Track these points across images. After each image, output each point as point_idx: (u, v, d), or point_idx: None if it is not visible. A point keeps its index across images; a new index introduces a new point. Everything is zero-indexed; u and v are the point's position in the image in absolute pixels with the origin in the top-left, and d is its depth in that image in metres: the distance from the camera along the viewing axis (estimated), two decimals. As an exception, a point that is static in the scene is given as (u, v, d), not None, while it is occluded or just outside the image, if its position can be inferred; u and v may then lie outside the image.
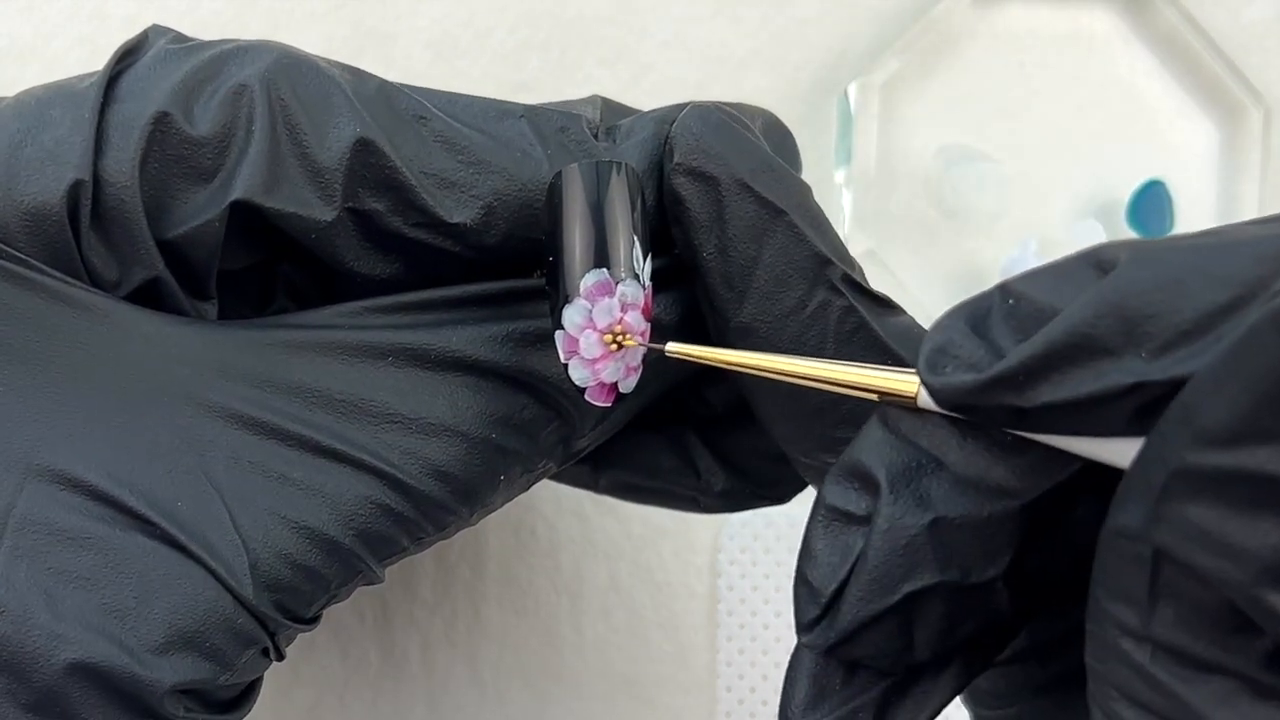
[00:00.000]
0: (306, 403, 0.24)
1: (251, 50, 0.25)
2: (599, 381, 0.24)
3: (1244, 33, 0.38)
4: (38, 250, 0.24)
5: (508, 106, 0.26)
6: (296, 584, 0.24)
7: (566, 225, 0.23)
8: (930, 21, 0.37)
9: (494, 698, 0.37)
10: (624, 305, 0.23)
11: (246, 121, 0.24)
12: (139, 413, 0.23)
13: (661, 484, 0.30)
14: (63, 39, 0.37)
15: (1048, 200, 0.37)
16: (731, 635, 0.37)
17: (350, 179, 0.24)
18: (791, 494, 0.30)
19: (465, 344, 0.24)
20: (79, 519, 0.23)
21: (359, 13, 0.37)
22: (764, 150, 0.25)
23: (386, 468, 0.24)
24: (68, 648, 0.22)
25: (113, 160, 0.24)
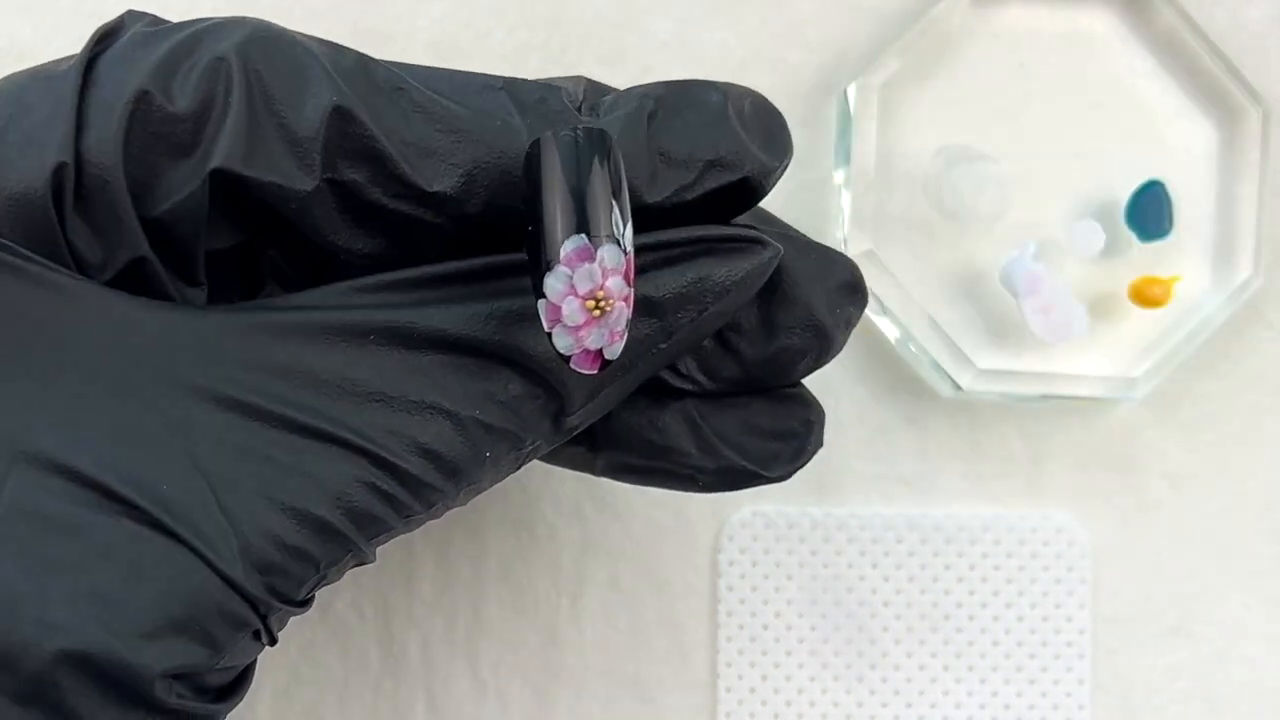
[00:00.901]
0: (291, 384, 0.24)
1: (227, 24, 0.25)
2: (583, 349, 0.23)
3: (1244, 33, 0.38)
4: (21, 236, 0.24)
5: (487, 79, 0.26)
6: (286, 565, 0.24)
7: (545, 193, 0.23)
8: (930, 21, 0.37)
9: (494, 697, 0.37)
10: (605, 271, 0.23)
11: (224, 93, 0.24)
12: (124, 398, 0.23)
13: (660, 463, 0.29)
14: (62, 38, 0.37)
15: (1047, 200, 0.37)
16: (731, 635, 0.37)
17: (329, 149, 0.24)
18: (789, 471, 0.30)
19: (448, 322, 0.24)
20: (66, 505, 0.23)
21: (358, 13, 0.37)
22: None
23: (372, 447, 0.24)
24: (56, 636, 0.22)
25: (94, 141, 0.24)
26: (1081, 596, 0.38)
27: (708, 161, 0.26)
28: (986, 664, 0.38)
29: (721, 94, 0.27)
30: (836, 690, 0.37)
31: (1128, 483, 0.38)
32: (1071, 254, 0.37)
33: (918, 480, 0.38)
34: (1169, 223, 0.37)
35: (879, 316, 0.37)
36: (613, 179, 0.23)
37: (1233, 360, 0.39)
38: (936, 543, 0.38)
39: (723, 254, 0.26)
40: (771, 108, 0.28)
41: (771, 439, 0.30)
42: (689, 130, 0.26)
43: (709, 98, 0.27)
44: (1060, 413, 0.38)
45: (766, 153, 0.27)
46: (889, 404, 0.38)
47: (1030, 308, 0.36)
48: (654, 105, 0.26)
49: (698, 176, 0.26)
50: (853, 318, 0.30)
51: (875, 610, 0.37)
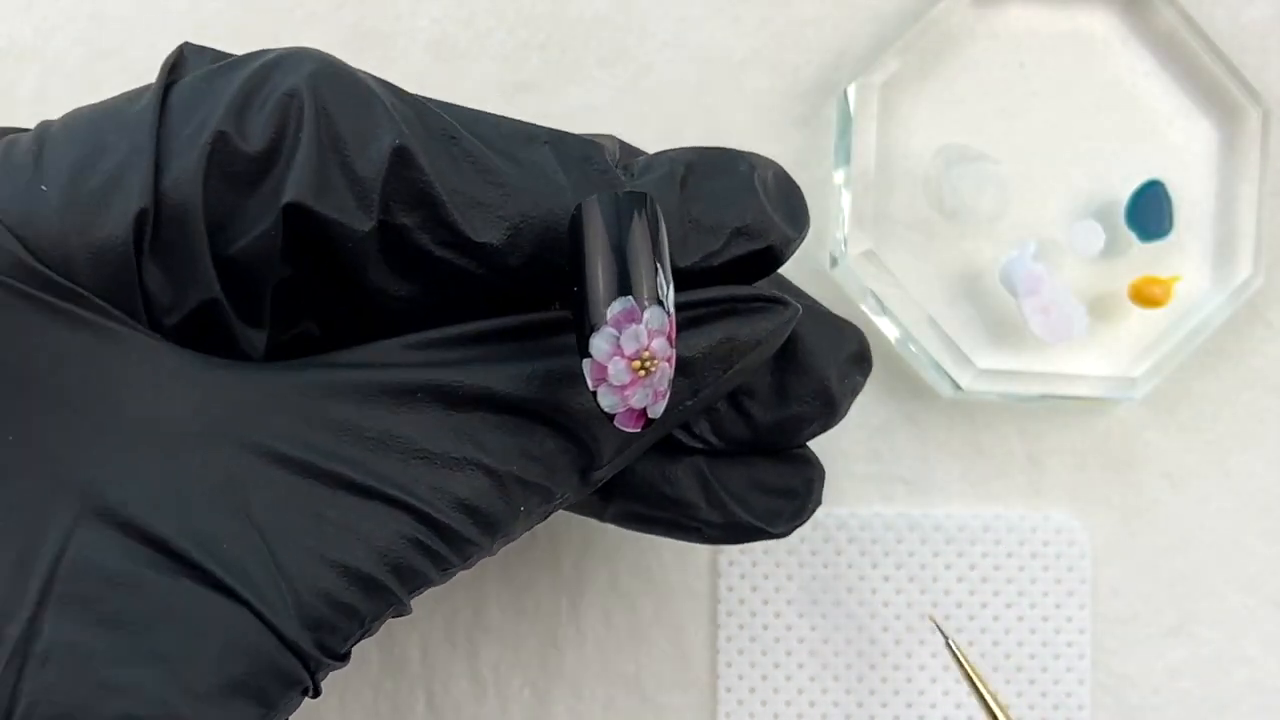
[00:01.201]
0: (342, 441, 0.24)
1: (292, 57, 0.25)
2: (628, 408, 0.24)
3: (1244, 33, 0.38)
4: (99, 282, 0.24)
5: (532, 130, 0.26)
6: (336, 622, 0.24)
7: (590, 256, 0.24)
8: (930, 21, 0.37)
9: (494, 697, 0.37)
10: (650, 332, 0.24)
11: (295, 129, 0.24)
12: (185, 454, 0.23)
13: (669, 514, 0.30)
14: (62, 39, 0.37)
15: (1047, 200, 0.37)
16: (731, 635, 0.37)
17: (386, 190, 0.24)
18: (790, 529, 0.31)
19: (492, 381, 0.25)
20: (128, 563, 0.23)
21: (359, 13, 0.37)
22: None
23: (417, 503, 0.24)
24: (119, 699, 0.22)
25: (173, 182, 0.24)
26: (1081, 596, 0.38)
27: (735, 229, 0.27)
28: (987, 664, 0.38)
29: (749, 164, 0.28)
30: (836, 690, 0.37)
31: (1127, 483, 0.38)
32: (1071, 254, 0.37)
33: (918, 480, 0.38)
34: (1169, 223, 0.37)
35: (879, 316, 0.37)
36: (655, 242, 0.24)
37: (1233, 360, 0.39)
38: (936, 543, 0.37)
39: (747, 314, 0.27)
40: (792, 181, 0.29)
41: (775, 496, 0.31)
42: (718, 198, 0.27)
43: (738, 167, 0.28)
44: (1060, 413, 0.38)
45: (789, 224, 0.28)
46: (889, 404, 0.38)
47: (1030, 308, 0.36)
48: (685, 170, 0.27)
49: (725, 244, 0.27)
50: (858, 386, 0.32)
51: (875, 610, 0.37)
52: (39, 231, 0.24)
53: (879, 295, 0.36)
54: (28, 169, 0.24)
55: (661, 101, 0.38)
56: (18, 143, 0.25)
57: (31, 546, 0.22)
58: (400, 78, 0.37)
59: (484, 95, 0.37)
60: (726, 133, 0.38)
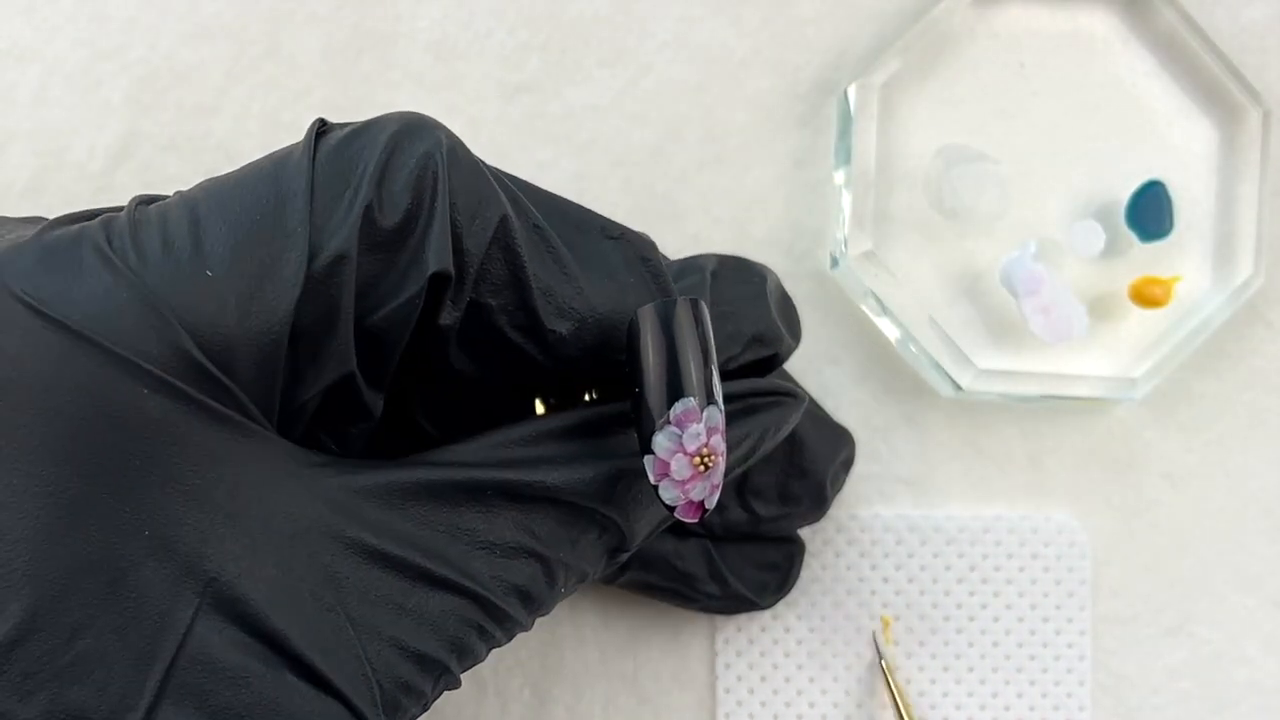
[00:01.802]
0: (421, 534, 0.25)
1: (422, 126, 0.25)
2: (688, 500, 0.26)
3: (1244, 33, 0.38)
4: (249, 368, 0.24)
5: (605, 224, 0.28)
6: (408, 706, 0.25)
7: (650, 359, 0.25)
8: (930, 21, 0.37)
9: (494, 697, 0.37)
10: (709, 429, 0.25)
11: (430, 199, 0.25)
12: (293, 550, 0.24)
13: (677, 585, 0.35)
14: (63, 40, 0.37)
15: (1047, 201, 0.37)
16: (729, 637, 0.37)
17: (483, 267, 0.25)
18: (776, 600, 0.36)
19: (553, 480, 0.26)
20: (239, 656, 0.23)
21: (359, 14, 0.37)
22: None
23: (482, 591, 0.25)
24: None
25: (328, 264, 0.24)
26: (1081, 597, 0.38)
27: (751, 337, 0.30)
28: (987, 665, 0.38)
29: (761, 275, 0.32)
30: (836, 691, 0.37)
31: (1128, 482, 0.38)
32: (1071, 254, 0.37)
33: (918, 481, 0.38)
34: (1169, 223, 0.37)
35: (879, 316, 0.37)
36: (707, 344, 0.26)
37: (1233, 360, 0.38)
38: (937, 544, 0.37)
39: (767, 408, 0.30)
40: (789, 296, 0.33)
41: (763, 570, 0.36)
42: (737, 307, 0.30)
43: (752, 279, 0.31)
44: (1060, 413, 0.38)
45: (791, 335, 0.32)
46: (889, 404, 0.38)
47: (1030, 308, 0.36)
48: (711, 279, 0.30)
49: (742, 349, 0.30)
50: (842, 485, 0.36)
51: (875, 612, 0.37)
52: (205, 320, 0.23)
53: (879, 295, 0.36)
54: (188, 252, 0.24)
55: (661, 101, 0.38)
56: (168, 221, 0.24)
57: (157, 637, 0.23)
58: (400, 79, 0.37)
59: (484, 95, 0.37)
60: (726, 133, 0.38)
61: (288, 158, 0.25)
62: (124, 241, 0.24)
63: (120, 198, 0.27)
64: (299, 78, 0.37)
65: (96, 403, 0.23)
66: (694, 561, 0.34)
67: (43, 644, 0.22)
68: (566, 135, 0.38)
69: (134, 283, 0.23)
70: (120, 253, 0.24)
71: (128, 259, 0.24)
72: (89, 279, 0.23)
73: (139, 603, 0.23)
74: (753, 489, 0.34)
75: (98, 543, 0.22)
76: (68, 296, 0.23)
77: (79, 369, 0.23)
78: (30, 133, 0.37)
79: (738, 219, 0.38)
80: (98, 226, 0.24)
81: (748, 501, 0.34)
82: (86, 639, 0.22)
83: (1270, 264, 0.38)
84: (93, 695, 0.22)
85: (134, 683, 0.22)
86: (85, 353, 0.23)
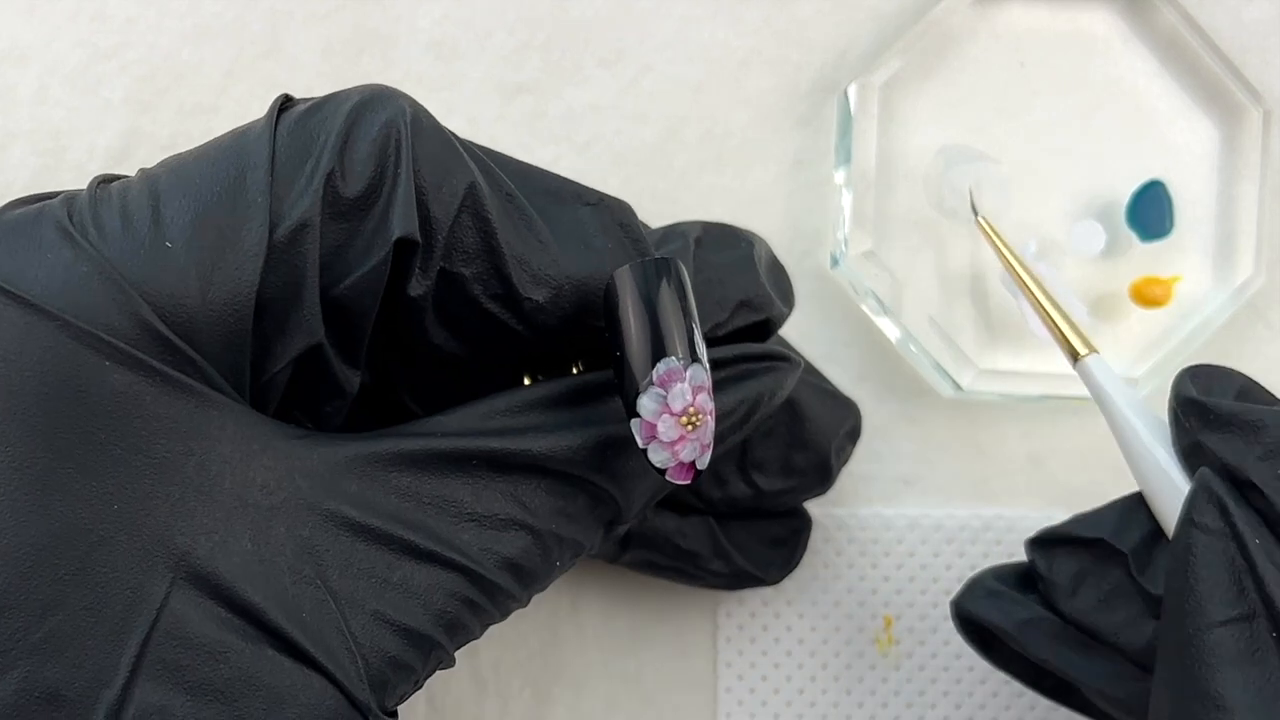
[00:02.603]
0: (405, 507, 0.25)
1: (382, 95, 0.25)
2: (678, 462, 0.25)
3: (1244, 33, 0.38)
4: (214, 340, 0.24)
5: (576, 190, 0.27)
6: (396, 681, 0.25)
7: (629, 321, 0.25)
8: (930, 21, 0.37)
9: (494, 697, 0.37)
10: (694, 388, 0.25)
11: (394, 165, 0.25)
12: (270, 523, 0.24)
13: (680, 563, 0.34)
14: (63, 41, 0.37)
15: (1048, 200, 0.37)
16: (731, 636, 0.37)
17: (451, 236, 0.25)
18: (782, 575, 0.35)
19: (539, 449, 0.26)
20: (218, 631, 0.23)
21: (359, 14, 0.37)
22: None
23: (469, 564, 0.25)
24: None
25: (290, 234, 0.24)
26: (1082, 596, 0.38)
27: (739, 302, 0.29)
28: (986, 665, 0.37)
29: (749, 241, 0.31)
30: (836, 690, 0.37)
31: (1128, 483, 0.38)
32: (1072, 254, 0.37)
33: (918, 480, 0.38)
34: (1170, 223, 0.37)
35: (879, 317, 0.37)
36: (686, 304, 0.26)
37: (1233, 360, 0.38)
38: (937, 543, 0.38)
39: (760, 373, 0.29)
40: (780, 262, 0.32)
41: (769, 547, 0.35)
42: (723, 273, 0.29)
43: (739, 244, 0.30)
44: (1060, 413, 0.38)
45: (781, 300, 0.31)
46: (889, 403, 0.38)
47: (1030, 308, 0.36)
48: (694, 245, 0.29)
49: (730, 315, 0.29)
50: (849, 456, 0.35)
51: (875, 611, 0.37)
52: (166, 292, 0.23)
53: (879, 295, 0.36)
54: (148, 225, 0.24)
55: (661, 101, 0.38)
56: (128, 196, 0.24)
57: (130, 612, 0.23)
58: (400, 78, 0.37)
59: (484, 96, 0.37)
60: (726, 133, 0.38)
61: (249, 131, 0.25)
62: (84, 217, 0.24)
63: (120, 198, 0.27)
64: (299, 78, 0.37)
65: (60, 377, 0.23)
66: (698, 539, 0.34)
67: (13, 621, 0.22)
68: (567, 135, 0.38)
69: (94, 257, 0.23)
70: (80, 228, 0.24)
71: (88, 234, 0.24)
72: (49, 255, 0.23)
73: (111, 578, 0.22)
74: (754, 462, 0.33)
75: (66, 518, 0.22)
76: (28, 272, 0.23)
77: (41, 344, 0.23)
78: (30, 133, 0.37)
79: (738, 219, 0.38)
80: (58, 204, 0.24)
81: (750, 475, 0.33)
82: (58, 615, 0.22)
83: (1270, 264, 0.38)
84: (67, 672, 0.22)
85: (108, 659, 0.22)
86: (47, 327, 0.23)
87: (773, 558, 0.35)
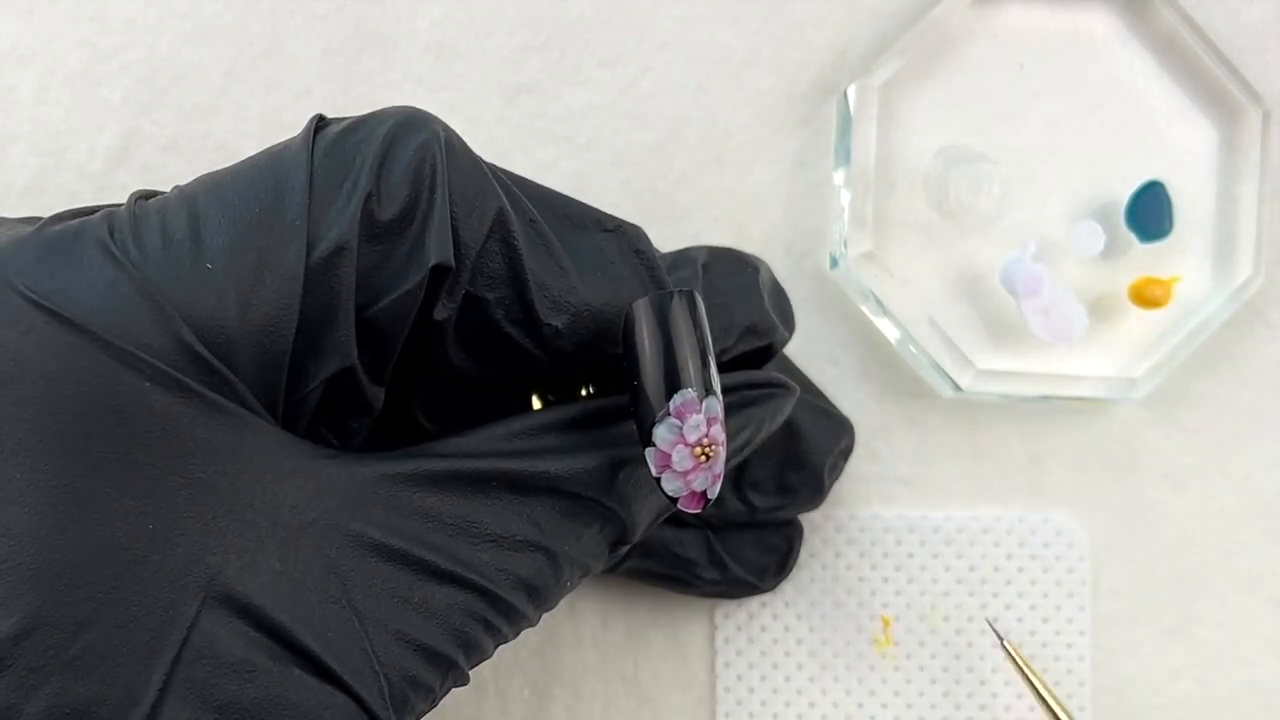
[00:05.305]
0: (426, 528, 0.25)
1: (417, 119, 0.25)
2: (690, 491, 0.26)
3: (1243, 33, 0.38)
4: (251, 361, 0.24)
5: (600, 217, 0.28)
6: (416, 701, 0.25)
7: (646, 353, 0.25)
8: (930, 21, 0.37)
9: (494, 697, 0.37)
10: (709, 420, 0.25)
11: (429, 190, 0.25)
12: (298, 544, 0.24)
13: (677, 572, 0.35)
14: (63, 41, 0.37)
15: (1047, 200, 0.37)
16: (729, 636, 0.37)
17: (480, 260, 0.25)
18: (776, 583, 0.36)
19: (556, 471, 0.26)
20: (246, 651, 0.23)
21: (359, 15, 0.37)
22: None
23: (486, 583, 0.25)
24: None
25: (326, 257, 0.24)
26: (1081, 598, 0.38)
27: (745, 328, 0.30)
28: (986, 665, 0.38)
29: (753, 266, 0.31)
30: (836, 691, 0.37)
31: (1128, 483, 0.38)
32: (1071, 254, 0.37)
33: (917, 481, 0.38)
34: (1169, 223, 0.37)
35: (879, 317, 0.37)
36: (703, 335, 0.26)
37: (1233, 360, 0.38)
38: (936, 544, 0.37)
39: (761, 400, 0.30)
40: (782, 287, 0.33)
41: (763, 553, 0.36)
42: (730, 299, 0.30)
43: (744, 270, 0.31)
44: (1060, 413, 0.38)
45: (784, 325, 0.31)
46: (889, 404, 0.38)
47: (1030, 308, 0.36)
48: (702, 271, 0.30)
49: (735, 341, 0.30)
50: (840, 473, 0.36)
51: (874, 613, 0.37)
52: (206, 313, 0.24)
53: (879, 296, 0.36)
54: (188, 245, 0.24)
55: (661, 101, 0.38)
56: (167, 215, 0.24)
57: (161, 631, 0.23)
58: (400, 79, 0.37)
59: (484, 96, 0.37)
60: (726, 133, 0.38)
61: (285, 151, 0.25)
62: (125, 236, 0.24)
63: (120, 198, 0.27)
64: (299, 78, 0.37)
65: (99, 396, 0.23)
66: (693, 548, 0.34)
67: (47, 638, 0.22)
68: (567, 135, 0.38)
69: (135, 276, 0.23)
70: (122, 247, 0.24)
71: (129, 253, 0.24)
72: (91, 273, 0.23)
73: (143, 596, 0.22)
74: (750, 481, 0.34)
75: (101, 536, 0.22)
76: (69, 291, 0.23)
77: (81, 363, 0.23)
78: (30, 133, 0.37)
79: (738, 219, 0.38)
80: (99, 221, 0.24)
81: (745, 494, 0.34)
82: (91, 633, 0.22)
83: (1270, 264, 0.38)
84: (97, 689, 0.22)
85: (139, 677, 0.22)
86: (87, 346, 0.23)
87: (767, 564, 0.36)
